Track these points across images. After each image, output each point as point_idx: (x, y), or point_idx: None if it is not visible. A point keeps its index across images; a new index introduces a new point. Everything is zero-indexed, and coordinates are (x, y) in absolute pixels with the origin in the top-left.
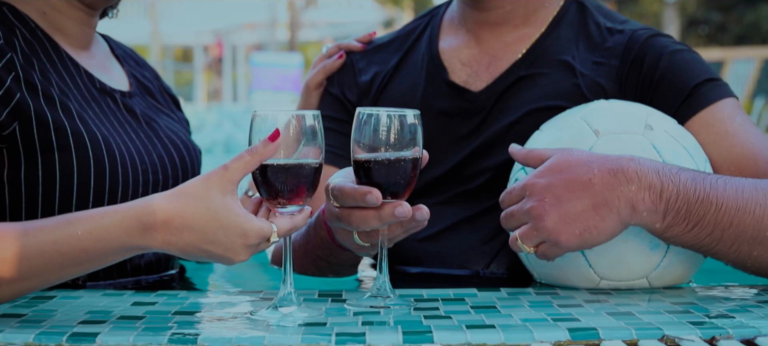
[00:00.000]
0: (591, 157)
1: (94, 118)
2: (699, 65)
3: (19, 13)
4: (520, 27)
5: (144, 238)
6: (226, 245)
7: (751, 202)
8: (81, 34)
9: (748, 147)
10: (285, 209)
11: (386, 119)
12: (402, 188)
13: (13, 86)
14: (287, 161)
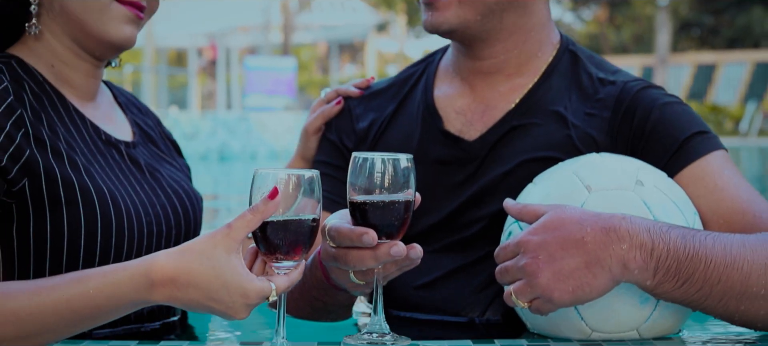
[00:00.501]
0: (584, 215)
1: (101, 171)
2: (689, 118)
3: (27, 67)
4: (513, 76)
5: (151, 293)
6: (228, 303)
7: (738, 259)
8: (87, 85)
9: (737, 201)
10: (281, 264)
11: (381, 164)
12: (396, 229)
13: (23, 143)
14: (285, 218)
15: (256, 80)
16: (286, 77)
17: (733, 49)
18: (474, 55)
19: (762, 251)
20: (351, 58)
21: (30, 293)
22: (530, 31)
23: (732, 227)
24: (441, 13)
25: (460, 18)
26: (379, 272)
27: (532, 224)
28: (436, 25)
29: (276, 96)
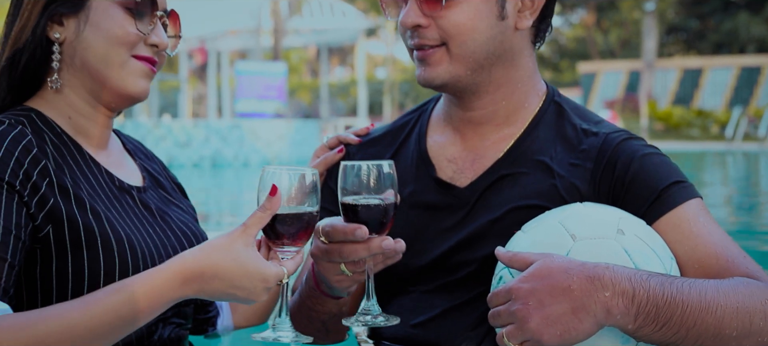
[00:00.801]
0: (570, 264)
1: (117, 217)
2: (666, 168)
3: (46, 119)
4: (502, 126)
5: (183, 289)
6: (250, 288)
7: (712, 303)
8: (101, 135)
9: (711, 247)
10: (286, 249)
11: (366, 169)
12: (384, 225)
13: (48, 192)
14: (289, 211)
15: (246, 85)
16: (277, 82)
17: (719, 53)
18: (465, 106)
19: (733, 296)
20: (340, 61)
21: (81, 309)
22: (517, 83)
23: (706, 270)
24: (433, 69)
25: (450, 73)
26: (369, 263)
27: (522, 272)
28: (428, 80)
29: (267, 101)
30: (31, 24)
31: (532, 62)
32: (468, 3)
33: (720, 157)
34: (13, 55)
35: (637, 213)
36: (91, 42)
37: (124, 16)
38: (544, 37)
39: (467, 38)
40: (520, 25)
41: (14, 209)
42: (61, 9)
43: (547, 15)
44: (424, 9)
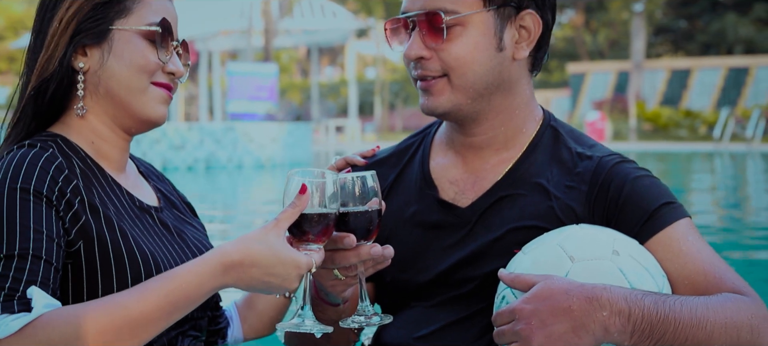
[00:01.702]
0: (570, 285)
1: (141, 236)
2: (657, 190)
3: (71, 144)
4: (501, 150)
5: (224, 278)
6: (284, 275)
7: (702, 319)
8: (121, 158)
9: (699, 264)
10: (310, 246)
11: (352, 180)
12: (370, 232)
13: (80, 209)
14: (314, 211)
15: (238, 86)
16: (268, 83)
17: (707, 54)
18: (465, 132)
19: (722, 312)
20: (331, 61)
21: (137, 297)
22: (515, 110)
23: (696, 286)
24: (436, 98)
25: (452, 102)
26: (360, 268)
27: (525, 292)
28: (432, 109)
29: (258, 101)
30: (58, 55)
31: (529, 89)
32: (468, 36)
33: (708, 158)
34: (40, 85)
35: (630, 233)
36: (115, 70)
37: (145, 45)
38: (540, 66)
39: (467, 69)
40: (518, 55)
41: (53, 220)
42: (86, 40)
43: (543, 45)
44: (427, 42)
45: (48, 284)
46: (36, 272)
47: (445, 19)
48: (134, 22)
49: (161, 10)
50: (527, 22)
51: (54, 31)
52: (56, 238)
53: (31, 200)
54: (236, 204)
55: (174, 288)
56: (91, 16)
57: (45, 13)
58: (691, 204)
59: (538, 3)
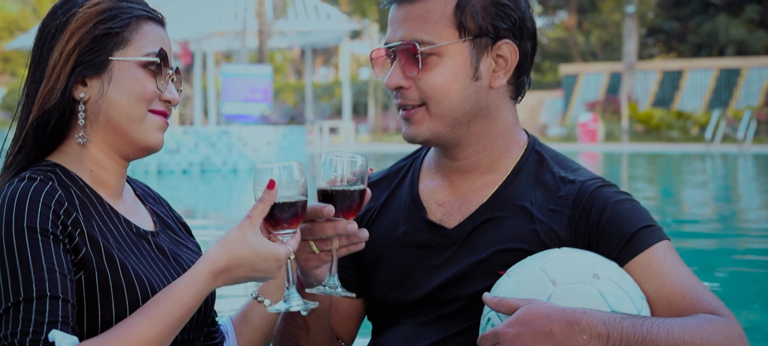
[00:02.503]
0: (551, 310)
1: (138, 263)
2: (637, 214)
3: (70, 173)
4: (485, 174)
5: (216, 282)
6: (266, 269)
7: (678, 340)
8: (118, 184)
9: (677, 286)
10: (285, 231)
11: (340, 161)
12: (350, 209)
13: (80, 242)
14: (284, 200)
15: (232, 87)
16: (263, 85)
17: (698, 55)
18: (451, 156)
19: (697, 333)
20: (325, 61)
21: (149, 322)
22: (497, 136)
23: (674, 307)
24: (416, 127)
25: (431, 130)
26: (335, 243)
27: (508, 316)
28: (412, 137)
29: (252, 103)
30: (60, 87)
31: (512, 115)
32: (443, 66)
33: (700, 160)
34: (41, 116)
35: (610, 255)
36: (115, 100)
37: (143, 74)
38: (522, 92)
39: (443, 98)
40: (495, 84)
41: (62, 256)
42: (86, 72)
43: (523, 72)
44: (405, 71)
45: (68, 322)
46: (55, 312)
47: (420, 50)
48: (133, 53)
49: (157, 40)
50: (504, 52)
51: (55, 63)
52: (68, 273)
53: (40, 239)
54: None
55: (179, 306)
56: (90, 48)
57: (44, 44)
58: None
59: (515, 33)
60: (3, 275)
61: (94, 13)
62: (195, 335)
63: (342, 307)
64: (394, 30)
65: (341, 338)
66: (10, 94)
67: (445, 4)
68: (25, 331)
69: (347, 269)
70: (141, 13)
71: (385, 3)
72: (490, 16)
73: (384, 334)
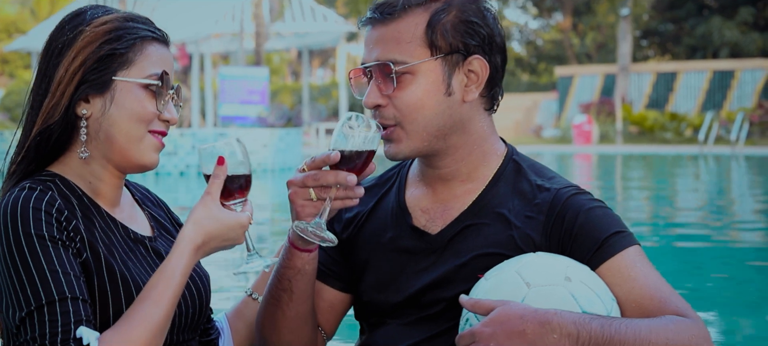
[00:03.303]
0: (525, 311)
1: (134, 267)
2: (609, 220)
3: (68, 183)
4: (466, 182)
5: (196, 256)
6: (234, 237)
7: (645, 340)
8: (115, 194)
9: (646, 289)
10: (236, 201)
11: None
12: (356, 168)
13: (81, 247)
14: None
15: (230, 89)
16: (260, 87)
17: (693, 57)
18: (432, 166)
19: (664, 333)
20: (322, 63)
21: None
22: (473, 146)
23: (643, 308)
24: (395, 146)
25: (410, 147)
26: (331, 193)
27: (485, 316)
28: (393, 156)
29: (250, 105)
30: (64, 103)
31: (487, 126)
32: (417, 84)
33: (693, 161)
34: (44, 129)
35: (582, 260)
36: (116, 119)
37: (144, 95)
38: (495, 103)
39: (418, 115)
40: (467, 98)
41: (73, 259)
42: (90, 90)
43: (494, 85)
44: (381, 90)
45: (90, 319)
46: (78, 312)
47: (395, 69)
48: (135, 73)
49: (160, 61)
50: (475, 67)
51: (60, 79)
52: (80, 275)
53: (49, 245)
54: None
55: (173, 283)
56: (95, 68)
57: (51, 58)
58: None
59: (484, 49)
60: (17, 282)
61: (100, 33)
62: (191, 335)
63: (326, 296)
64: (370, 50)
65: (323, 327)
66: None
67: (416, 24)
68: (54, 332)
69: (336, 261)
70: (146, 34)
71: (361, 24)
72: (459, 33)
73: (371, 334)
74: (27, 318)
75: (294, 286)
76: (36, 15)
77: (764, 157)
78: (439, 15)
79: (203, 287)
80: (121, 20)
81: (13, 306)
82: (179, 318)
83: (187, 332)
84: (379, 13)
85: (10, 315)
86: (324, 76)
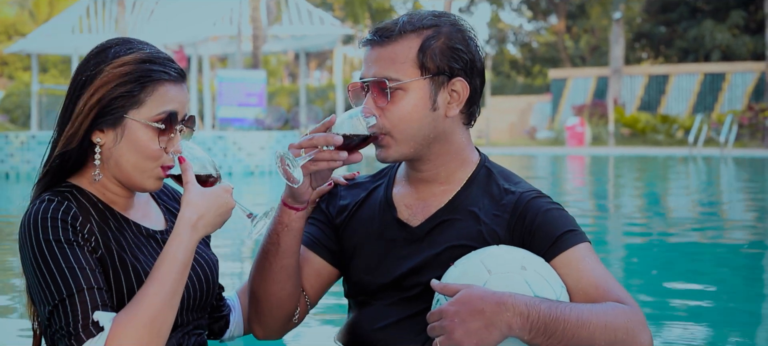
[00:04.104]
0: (484, 293)
1: (145, 260)
2: (563, 220)
3: (84, 192)
4: (443, 184)
5: (195, 234)
6: (224, 202)
7: (586, 321)
8: (126, 203)
9: (592, 279)
10: None
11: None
12: (352, 146)
13: (96, 246)
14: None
15: (228, 92)
16: (258, 90)
17: (685, 59)
18: (415, 169)
19: (603, 316)
20: (319, 64)
21: (158, 284)
22: (452, 154)
23: (589, 296)
24: (386, 150)
25: (398, 152)
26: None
27: (451, 297)
28: (383, 159)
29: (247, 107)
30: (81, 133)
31: (465, 138)
32: (408, 99)
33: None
34: (64, 153)
35: (539, 253)
36: (124, 152)
37: (151, 135)
38: (473, 119)
39: (406, 126)
40: (449, 113)
41: (89, 256)
42: (104, 124)
43: (473, 103)
44: (376, 102)
45: (106, 303)
46: (94, 299)
47: (389, 85)
48: (145, 114)
49: (171, 101)
50: (457, 87)
51: (79, 111)
52: (96, 267)
53: (66, 247)
54: None
55: (176, 263)
56: (110, 105)
57: (75, 89)
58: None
59: (466, 72)
60: (43, 281)
61: (116, 75)
62: (199, 314)
63: (314, 264)
64: (368, 67)
65: (307, 293)
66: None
67: (409, 47)
68: (76, 320)
69: (328, 236)
70: (160, 77)
71: (362, 44)
72: (446, 58)
73: (358, 312)
74: (54, 310)
75: (281, 240)
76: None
77: (752, 159)
78: (430, 41)
79: (210, 271)
80: (138, 62)
81: (43, 301)
82: (186, 300)
83: (195, 312)
84: (378, 36)
85: (42, 310)
86: (321, 78)
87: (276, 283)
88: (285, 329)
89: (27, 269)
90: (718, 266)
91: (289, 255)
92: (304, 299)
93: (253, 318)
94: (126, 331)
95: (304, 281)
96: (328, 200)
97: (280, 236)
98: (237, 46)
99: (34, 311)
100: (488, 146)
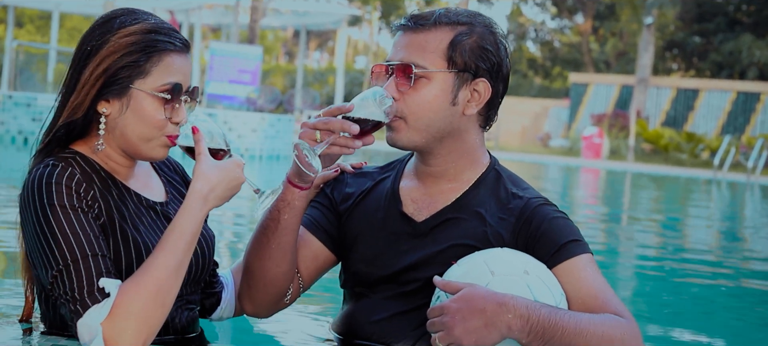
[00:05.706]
0: (486, 293)
1: (144, 231)
2: (568, 229)
3: (87, 159)
4: (452, 181)
5: (205, 206)
6: (236, 176)
7: (584, 330)
8: (128, 172)
9: (592, 290)
10: None
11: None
12: (365, 129)
13: (99, 213)
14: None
15: (220, 66)
16: (252, 67)
17: (718, 74)
18: (425, 162)
19: (600, 327)
20: (319, 45)
21: (166, 253)
22: (463, 153)
23: (587, 305)
24: (397, 134)
25: (409, 139)
26: (333, 137)
27: (453, 295)
28: (393, 142)
29: (239, 85)
30: (87, 103)
31: (479, 139)
32: (430, 88)
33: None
34: (69, 123)
35: (542, 259)
36: (130, 121)
37: (157, 105)
38: (490, 123)
39: (422, 115)
40: (467, 112)
41: (93, 223)
42: (109, 94)
43: (492, 107)
44: (398, 86)
45: (110, 271)
46: (99, 266)
47: (415, 71)
48: (151, 84)
49: (176, 71)
50: (480, 88)
51: (85, 81)
52: (99, 234)
53: (71, 213)
54: None
55: (185, 235)
56: (116, 75)
57: (80, 58)
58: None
59: (491, 75)
60: (46, 245)
61: (123, 45)
62: (193, 288)
63: (312, 246)
64: (396, 51)
65: (302, 275)
66: None
67: (441, 39)
68: (81, 286)
69: (329, 221)
70: (165, 47)
71: (395, 28)
72: (475, 56)
73: (353, 304)
74: (58, 275)
75: (281, 216)
76: None
77: None
78: (462, 36)
79: (206, 246)
80: (144, 33)
81: (45, 266)
82: (187, 274)
83: (190, 286)
84: (412, 22)
85: (43, 274)
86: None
87: (271, 259)
88: (275, 308)
89: (28, 234)
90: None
91: (287, 233)
92: (297, 280)
93: (245, 293)
94: (131, 299)
95: (300, 262)
96: (334, 186)
97: (281, 212)
98: (233, 17)
99: (28, 277)
100: (497, 150)
